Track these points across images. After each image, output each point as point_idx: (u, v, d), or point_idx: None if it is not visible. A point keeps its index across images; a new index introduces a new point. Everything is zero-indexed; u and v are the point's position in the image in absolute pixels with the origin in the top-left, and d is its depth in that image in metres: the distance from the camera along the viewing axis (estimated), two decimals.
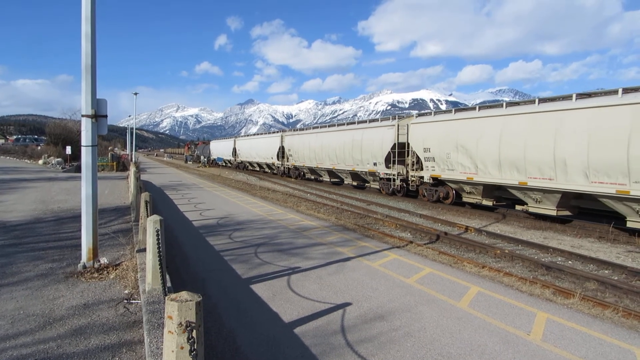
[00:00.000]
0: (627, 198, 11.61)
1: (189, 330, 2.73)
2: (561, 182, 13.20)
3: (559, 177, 13.26)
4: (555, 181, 13.35)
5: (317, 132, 30.32)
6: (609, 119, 11.89)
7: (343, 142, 25.90)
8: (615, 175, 11.75)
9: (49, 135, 50.08)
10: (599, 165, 12.05)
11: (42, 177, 26.24)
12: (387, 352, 4.75)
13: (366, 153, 23.54)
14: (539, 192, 14.20)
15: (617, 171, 11.66)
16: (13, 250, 8.28)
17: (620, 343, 5.09)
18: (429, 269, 8.13)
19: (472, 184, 17.01)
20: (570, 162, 12.83)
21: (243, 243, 10.08)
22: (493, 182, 15.78)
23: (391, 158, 21.43)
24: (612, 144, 11.74)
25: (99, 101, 7.03)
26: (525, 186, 14.41)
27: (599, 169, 12.07)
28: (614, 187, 11.80)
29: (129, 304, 5.57)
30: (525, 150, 14.23)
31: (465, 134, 16.83)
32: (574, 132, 12.73)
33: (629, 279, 8.48)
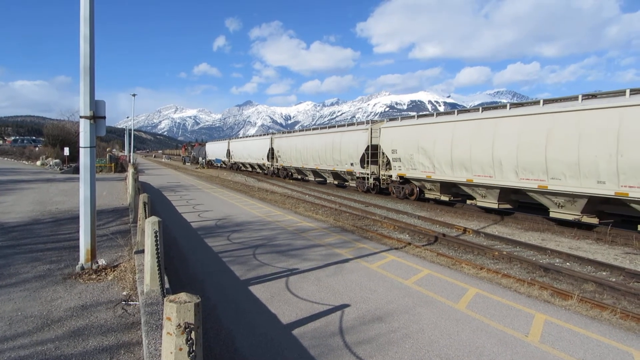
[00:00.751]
0: (546, 192, 13.77)
1: (188, 331, 2.73)
2: (498, 179, 15.33)
3: (496, 174, 15.38)
4: (494, 178, 15.50)
5: (303, 134, 32.78)
6: (532, 126, 14.06)
7: (325, 144, 28.03)
8: (537, 173, 13.91)
9: (47, 136, 49.98)
10: (525, 164, 14.20)
11: (40, 179, 26.19)
12: (386, 353, 4.75)
13: (344, 154, 25.66)
14: (483, 188, 16.27)
15: (538, 169, 13.81)
16: (11, 251, 8.26)
17: (618, 345, 5.10)
18: (427, 271, 8.14)
19: (431, 182, 19.13)
20: (504, 162, 14.98)
21: (241, 244, 10.07)
22: (447, 180, 17.83)
23: (365, 159, 23.45)
24: (534, 147, 13.85)
25: (97, 102, 7.03)
26: (471, 183, 16.53)
27: (525, 167, 14.23)
28: (537, 183, 13.95)
29: (127, 306, 5.57)
30: (471, 152, 16.31)
31: (424, 138, 18.98)
32: (507, 137, 14.89)
33: (626, 280, 8.50)
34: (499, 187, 15.42)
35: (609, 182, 11.93)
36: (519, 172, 14.48)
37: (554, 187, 13.35)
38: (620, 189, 11.63)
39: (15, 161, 47.03)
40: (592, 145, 12.24)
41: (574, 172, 12.78)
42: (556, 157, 13.20)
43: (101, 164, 38.14)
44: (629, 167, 11.37)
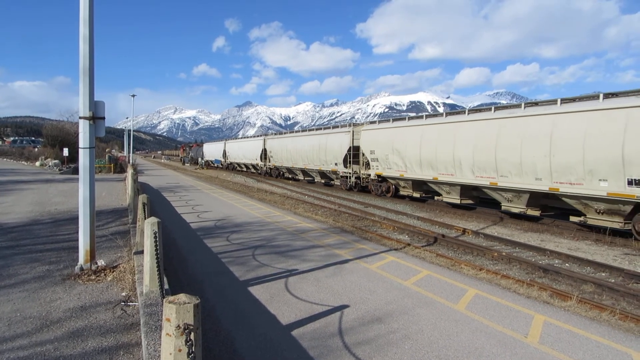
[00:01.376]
0: (497, 188, 15.75)
1: (187, 332, 2.72)
2: (459, 177, 17.18)
3: (457, 173, 17.21)
4: (455, 176, 17.33)
5: (293, 136, 35.22)
6: (485, 130, 15.91)
7: (312, 145, 29.98)
8: (489, 171, 15.78)
9: (46, 137, 49.91)
10: (480, 164, 16.04)
11: (39, 179, 26.17)
12: (385, 354, 4.75)
13: (329, 155, 27.62)
14: (447, 185, 18.13)
15: (490, 168, 15.66)
16: (10, 252, 8.26)
17: (617, 346, 5.11)
18: (426, 272, 8.14)
19: (404, 180, 20.89)
20: (463, 162, 16.78)
21: (241, 245, 10.07)
22: (417, 178, 19.68)
23: (348, 159, 25.45)
24: (486, 149, 15.70)
25: (96, 103, 7.03)
26: (437, 181, 18.41)
27: (480, 166, 16.07)
28: (489, 180, 15.83)
29: (126, 307, 5.56)
30: (436, 153, 18.14)
31: (398, 140, 20.79)
32: (465, 139, 16.70)
33: (625, 281, 8.50)
34: (460, 184, 17.32)
35: (544, 179, 13.76)
36: (474, 170, 16.39)
37: (503, 184, 15.30)
38: (553, 184, 13.47)
39: (14, 162, 46.99)
40: (531, 148, 14.03)
41: (518, 170, 14.62)
42: (504, 158, 15.05)
43: (100, 164, 38.12)
44: (559, 166, 13.21)
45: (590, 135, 12.37)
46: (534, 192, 14.31)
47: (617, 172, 11.82)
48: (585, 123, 12.56)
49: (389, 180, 22.35)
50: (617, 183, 11.83)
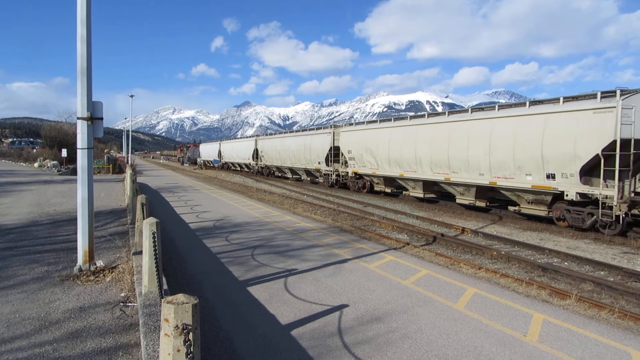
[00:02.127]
0: (450, 183, 17.83)
1: (186, 332, 2.72)
2: (420, 173, 19.47)
3: (418, 170, 19.49)
4: (418, 173, 19.62)
5: (281, 136, 37.74)
6: (439, 131, 18.12)
7: (298, 145, 32.37)
8: (444, 168, 17.87)
9: (45, 138, 49.88)
10: (436, 161, 18.25)
11: (38, 180, 26.14)
12: (384, 353, 4.75)
13: (313, 154, 29.92)
14: (412, 181, 20.53)
15: (444, 165, 17.81)
16: (8, 253, 8.25)
17: (616, 344, 5.11)
18: (425, 271, 8.15)
19: (376, 177, 23.37)
20: (423, 160, 19.02)
21: (240, 245, 10.06)
22: (387, 175, 22.09)
23: (329, 158, 27.70)
24: (441, 148, 17.85)
25: (94, 104, 7.02)
26: (403, 177, 20.78)
27: (436, 164, 18.27)
28: (444, 176, 17.96)
29: (125, 307, 5.56)
30: (402, 152, 20.41)
31: (371, 140, 23.11)
32: (424, 140, 18.96)
33: (624, 280, 8.52)
34: (422, 180, 19.60)
35: (486, 174, 16.00)
36: (432, 168, 18.60)
37: (455, 179, 17.40)
38: (492, 179, 15.76)
39: (12, 163, 46.95)
40: (475, 147, 16.23)
41: (466, 167, 16.73)
42: (455, 156, 17.14)
43: (99, 165, 38.09)
44: (496, 163, 15.44)
45: (518, 137, 14.55)
46: (479, 186, 16.55)
47: (538, 168, 13.99)
48: (515, 126, 14.77)
49: (364, 177, 24.76)
50: (539, 177, 14.06)
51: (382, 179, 22.89)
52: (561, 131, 13.26)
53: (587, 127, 12.59)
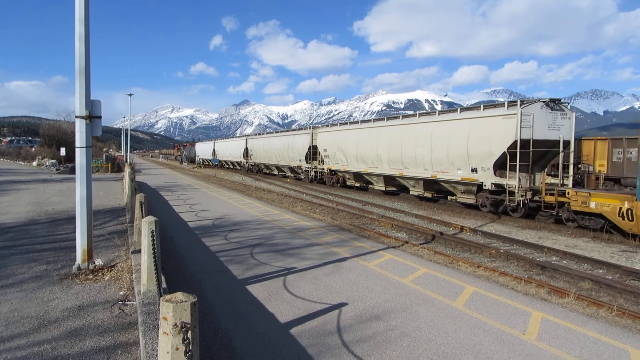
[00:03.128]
0: (403, 177, 20.61)
1: (184, 331, 2.72)
2: (380, 169, 22.19)
3: (379, 166, 22.22)
4: (378, 169, 22.35)
5: (269, 136, 40.75)
6: (395, 133, 20.95)
7: (282, 144, 35.30)
8: (398, 164, 20.63)
9: (43, 136, 49.77)
10: (392, 158, 20.97)
11: (36, 179, 26.11)
12: (383, 352, 4.75)
13: (295, 152, 32.66)
14: (375, 176, 23.24)
15: (399, 162, 20.51)
16: (7, 252, 8.24)
17: (614, 342, 5.13)
18: (424, 269, 8.15)
19: (347, 172, 26.09)
20: (382, 157, 21.72)
21: (239, 244, 10.06)
22: (355, 171, 24.78)
23: (309, 156, 30.35)
24: (396, 147, 20.59)
25: (93, 102, 7.00)
26: (367, 172, 23.50)
27: (392, 160, 20.98)
28: (398, 171, 20.68)
29: (124, 306, 5.56)
30: (366, 151, 23.12)
31: (342, 140, 25.98)
32: (383, 140, 21.63)
33: (623, 278, 8.54)
34: (382, 174, 22.26)
35: (428, 169, 18.72)
36: (390, 164, 21.27)
37: (406, 174, 20.18)
38: (434, 173, 18.48)
39: (11, 162, 46.88)
40: (421, 146, 18.95)
41: (414, 163, 19.50)
42: (406, 154, 19.87)
43: (97, 164, 38.04)
44: (436, 159, 18.20)
45: (451, 138, 17.31)
46: (425, 179, 19.23)
47: (465, 163, 16.78)
48: (449, 129, 17.51)
49: (338, 173, 27.61)
50: (466, 171, 16.83)
51: (352, 174, 25.73)
52: (481, 133, 16.04)
53: (497, 130, 15.40)
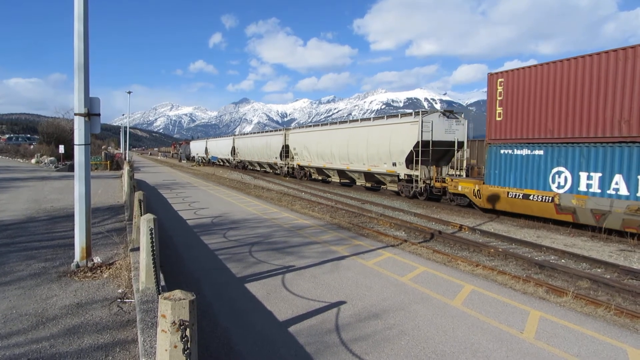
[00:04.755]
0: (350, 170, 25.09)
1: (183, 328, 2.72)
2: (334, 164, 26.67)
3: (333, 162, 26.71)
4: (333, 164, 26.83)
5: (252, 136, 45.46)
6: (344, 134, 25.47)
7: (262, 143, 39.97)
8: (345, 160, 25.22)
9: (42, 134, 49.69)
10: (342, 155, 25.51)
11: (35, 177, 26.07)
12: (382, 350, 4.76)
13: (272, 151, 37.18)
14: (331, 170, 27.80)
15: (346, 158, 25.14)
16: (5, 249, 8.22)
17: (612, 341, 5.14)
18: (423, 268, 8.16)
19: (311, 167, 30.49)
20: (335, 154, 26.27)
21: (237, 242, 10.06)
22: (317, 166, 29.20)
23: (282, 154, 34.94)
24: (344, 146, 25.13)
25: (92, 100, 6.99)
26: (325, 167, 28.09)
27: (342, 157, 25.56)
28: (346, 166, 25.22)
29: (122, 303, 5.55)
30: (324, 149, 27.57)
31: (307, 140, 30.23)
32: (335, 140, 26.26)
33: (621, 277, 8.55)
34: (336, 169, 26.82)
35: (365, 164, 23.29)
36: (340, 160, 25.80)
37: (352, 168, 24.80)
38: (369, 167, 23.01)
39: (9, 159, 46.78)
40: (361, 146, 23.41)
41: (357, 159, 24.05)
42: (351, 152, 24.42)
43: (96, 161, 37.96)
44: (370, 156, 22.75)
45: (380, 139, 21.95)
46: (364, 172, 23.69)
47: (389, 159, 21.32)
48: (378, 132, 22.25)
49: (305, 168, 31.59)
50: (389, 165, 21.34)
51: (315, 169, 30.21)
52: (398, 136, 20.68)
53: (407, 133, 20.02)
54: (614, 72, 11.99)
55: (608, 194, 12.06)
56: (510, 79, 15.10)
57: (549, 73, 13.76)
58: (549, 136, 13.79)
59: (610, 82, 12.07)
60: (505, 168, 15.14)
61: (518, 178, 14.68)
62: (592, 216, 12.46)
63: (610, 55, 12.02)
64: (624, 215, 11.61)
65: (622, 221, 11.64)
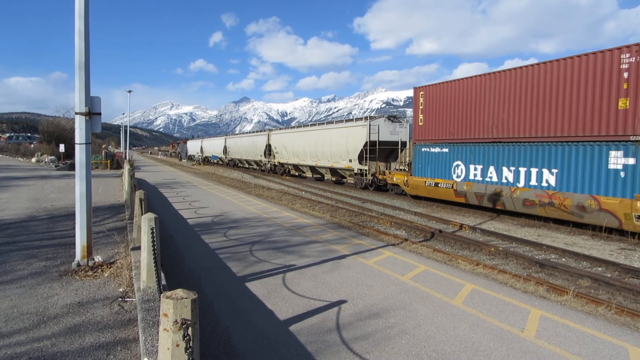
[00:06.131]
0: (318, 166, 29.37)
1: (185, 327, 2.72)
2: (306, 161, 30.73)
3: (306, 159, 30.77)
4: (305, 161, 30.89)
5: (241, 136, 50.42)
6: (313, 135, 29.58)
7: (249, 143, 44.29)
8: (314, 158, 29.38)
9: (42, 133, 49.65)
10: (312, 154, 29.59)
11: (36, 175, 26.07)
12: (382, 349, 4.77)
13: (257, 149, 41.33)
14: (304, 166, 31.81)
15: (314, 156, 29.31)
16: (6, 248, 8.23)
17: (613, 340, 5.14)
18: (423, 267, 8.17)
19: (289, 164, 34.55)
20: (307, 153, 30.38)
21: (238, 241, 10.07)
22: (293, 163, 33.32)
23: (266, 152, 38.89)
24: (313, 145, 29.20)
25: (92, 99, 6.99)
26: (300, 164, 32.17)
27: (312, 155, 29.61)
28: (315, 162, 29.34)
29: (123, 302, 5.56)
30: (298, 148, 31.80)
31: (285, 140, 34.61)
32: (307, 140, 30.37)
33: (621, 276, 8.56)
34: (308, 165, 30.85)
35: (330, 161, 27.37)
36: (311, 157, 29.94)
37: (319, 164, 28.91)
38: (333, 163, 27.16)
39: (10, 158, 46.77)
40: (326, 145, 27.54)
41: (323, 157, 28.18)
42: (319, 150, 28.50)
43: (97, 160, 37.97)
44: (333, 154, 26.88)
45: (340, 139, 25.96)
46: (330, 168, 27.98)
47: (347, 156, 25.33)
48: (339, 133, 26.34)
49: (284, 165, 35.66)
50: (347, 161, 25.42)
51: (292, 165, 34.07)
52: (353, 136, 24.64)
53: (359, 135, 24.00)
54: (489, 90, 15.73)
55: (485, 181, 15.79)
56: (428, 92, 18.74)
57: (452, 89, 17.46)
58: (452, 137, 17.50)
59: (487, 97, 15.83)
60: (424, 162, 18.86)
61: (433, 170, 18.38)
62: (475, 198, 16.17)
63: (486, 77, 15.91)
64: (493, 196, 15.36)
65: (492, 201, 15.41)
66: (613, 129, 11.86)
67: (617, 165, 11.78)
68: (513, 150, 14.77)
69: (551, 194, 13.32)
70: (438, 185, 17.76)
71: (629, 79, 11.40)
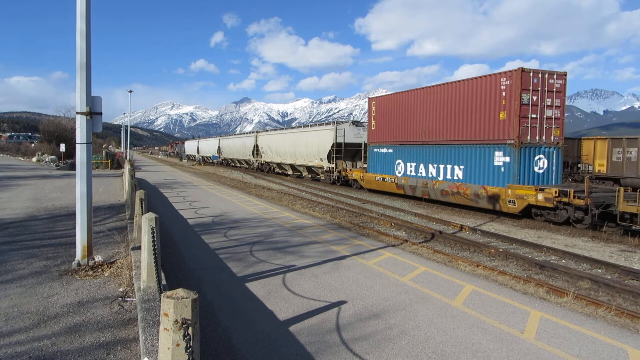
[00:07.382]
0: (297, 165, 33.36)
1: (185, 327, 2.73)
2: (287, 160, 34.49)
3: (287, 158, 34.52)
4: (286, 160, 34.54)
5: (232, 137, 54.70)
6: (291, 137, 33.97)
7: (239, 143, 48.52)
8: (293, 157, 33.40)
9: (43, 132, 49.65)
10: (291, 153, 33.65)
11: (36, 175, 26.08)
12: (382, 350, 4.77)
13: (246, 149, 45.32)
14: (286, 164, 35.53)
15: (293, 155, 33.41)
16: (7, 248, 8.23)
17: (612, 341, 5.14)
18: (423, 268, 8.17)
19: (273, 163, 38.44)
20: (287, 152, 34.17)
21: (238, 241, 10.07)
22: (276, 161, 37.28)
23: (254, 152, 42.66)
24: (292, 146, 33.36)
25: (93, 98, 6.99)
26: (282, 163, 35.98)
27: (291, 154, 33.54)
28: (294, 161, 33.28)
29: (123, 302, 5.56)
30: (280, 148, 35.61)
31: (270, 141, 38.49)
32: (287, 141, 34.17)
33: (621, 278, 8.56)
34: (289, 164, 34.56)
35: (305, 160, 31.19)
36: (290, 157, 33.75)
37: (297, 163, 32.69)
38: (307, 162, 30.91)
39: (10, 157, 46.78)
40: (302, 146, 31.36)
41: (300, 156, 31.89)
42: (297, 150, 32.33)
43: (97, 160, 37.97)
44: (307, 154, 30.66)
45: (313, 141, 29.62)
46: (306, 166, 31.61)
47: (318, 156, 28.88)
48: (312, 135, 30.05)
49: (269, 163, 39.39)
50: (318, 160, 28.99)
51: (276, 164, 37.88)
52: (323, 139, 28.24)
53: (328, 137, 27.55)
54: (420, 102, 19.51)
55: (418, 176, 19.56)
56: (379, 102, 22.79)
57: (396, 100, 21.25)
58: (395, 140, 21.44)
59: (418, 108, 19.63)
60: (376, 161, 22.86)
61: (382, 167, 22.29)
62: (410, 189, 19.89)
63: (418, 91, 19.75)
64: (422, 188, 19.07)
65: (422, 191, 19.13)
66: (497, 135, 15.58)
67: (499, 162, 15.53)
68: (435, 150, 18.59)
69: (458, 185, 17.09)
70: (384, 179, 21.68)
71: (506, 97, 15.21)
